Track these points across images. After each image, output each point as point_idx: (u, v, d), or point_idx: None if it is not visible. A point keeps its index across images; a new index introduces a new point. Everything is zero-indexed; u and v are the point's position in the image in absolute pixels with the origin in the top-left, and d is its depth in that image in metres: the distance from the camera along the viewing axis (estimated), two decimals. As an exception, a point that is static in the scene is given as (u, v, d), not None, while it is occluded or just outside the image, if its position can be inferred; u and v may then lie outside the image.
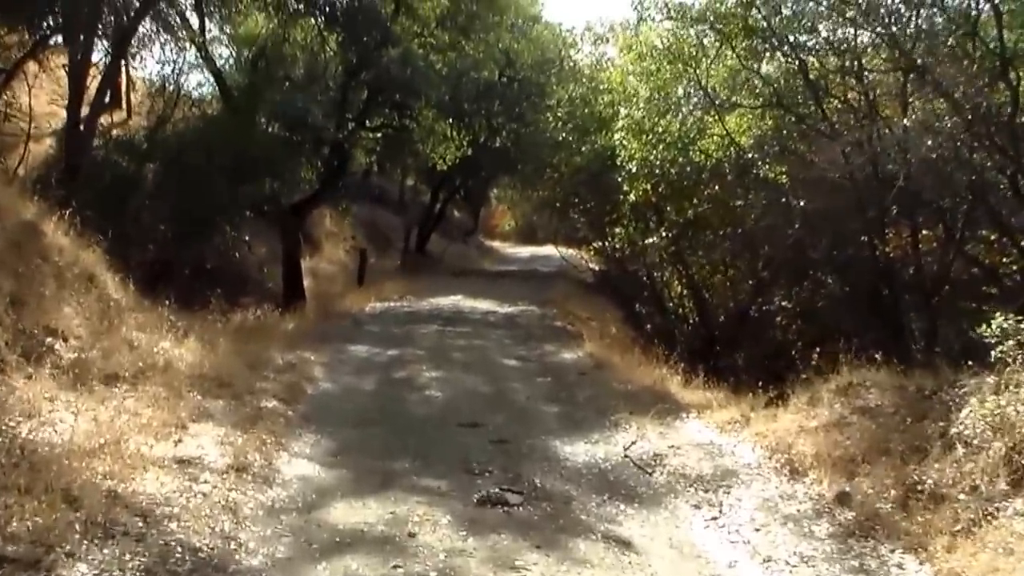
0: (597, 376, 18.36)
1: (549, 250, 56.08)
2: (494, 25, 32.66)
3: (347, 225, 42.23)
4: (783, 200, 21.05)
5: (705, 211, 24.93)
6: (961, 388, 11.22)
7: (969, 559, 8.38)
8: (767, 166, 21.07)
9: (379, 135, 33.31)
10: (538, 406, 15.68)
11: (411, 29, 29.33)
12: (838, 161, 19.30)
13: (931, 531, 9.06)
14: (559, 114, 32.30)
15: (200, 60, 29.73)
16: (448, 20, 30.87)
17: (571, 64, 37.34)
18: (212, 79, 30.18)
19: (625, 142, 23.46)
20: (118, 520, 8.33)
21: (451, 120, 32.08)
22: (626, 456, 12.64)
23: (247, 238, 29.37)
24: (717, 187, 24.19)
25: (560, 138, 33.59)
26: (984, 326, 11.63)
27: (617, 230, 29.82)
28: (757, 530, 9.90)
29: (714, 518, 10.37)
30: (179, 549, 8.14)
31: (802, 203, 20.77)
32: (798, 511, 10.32)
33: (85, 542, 7.79)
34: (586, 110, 31.34)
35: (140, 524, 8.42)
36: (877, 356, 14.22)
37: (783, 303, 27.09)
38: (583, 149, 31.58)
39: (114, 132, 27.70)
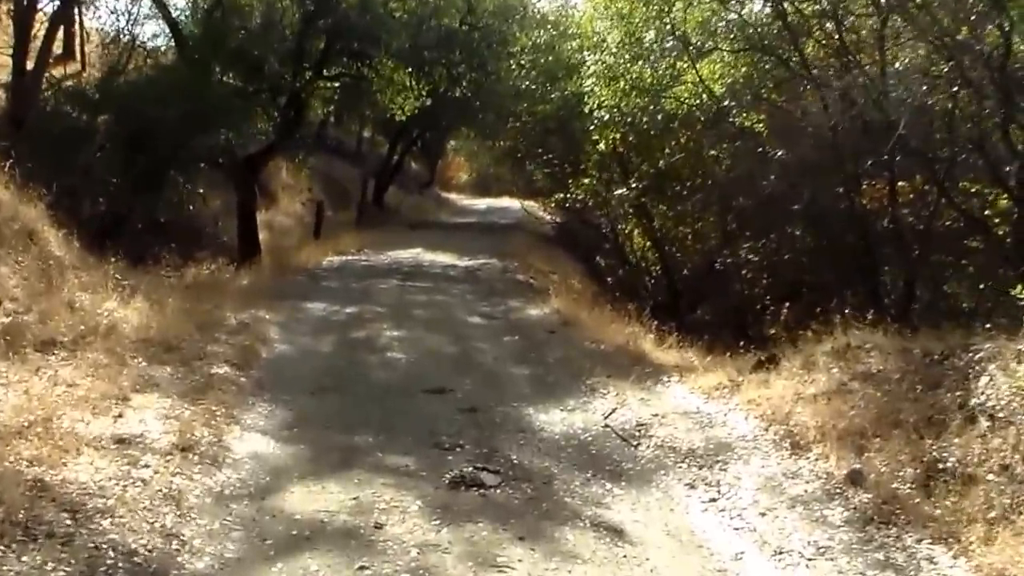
0: (566, 334, 17.18)
1: (506, 202, 55.25)
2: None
3: (304, 177, 40.69)
4: (759, 150, 19.76)
5: (676, 161, 23.56)
6: (975, 353, 10.06)
7: (1012, 553, 7.24)
8: (743, 115, 19.82)
9: (337, 85, 32.05)
10: (507, 368, 14.48)
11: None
12: (814, 109, 18.22)
13: (961, 518, 7.96)
14: (522, 62, 30.80)
15: (155, 10, 28.27)
16: (408, -35, 29.51)
17: (535, 10, 35.94)
18: (168, 29, 28.63)
19: (596, 89, 21.94)
20: (43, 518, 7.08)
21: (410, 69, 30.55)
22: (607, 426, 11.50)
23: (201, 191, 28.04)
24: (688, 137, 22.89)
25: (523, 87, 32.16)
26: (1020, 287, 10.54)
27: (584, 181, 28.38)
28: (762, 515, 8.76)
29: (712, 500, 9.24)
30: (112, 553, 6.90)
31: (779, 153, 19.54)
32: (806, 492, 9.18)
33: (0, 548, 6.54)
34: (550, 57, 29.91)
35: (68, 522, 7.16)
36: (846, 312, 13.26)
37: (749, 256, 25.93)
38: (549, 98, 30.12)
39: (66, 83, 26.44)
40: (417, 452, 10.08)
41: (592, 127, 24.34)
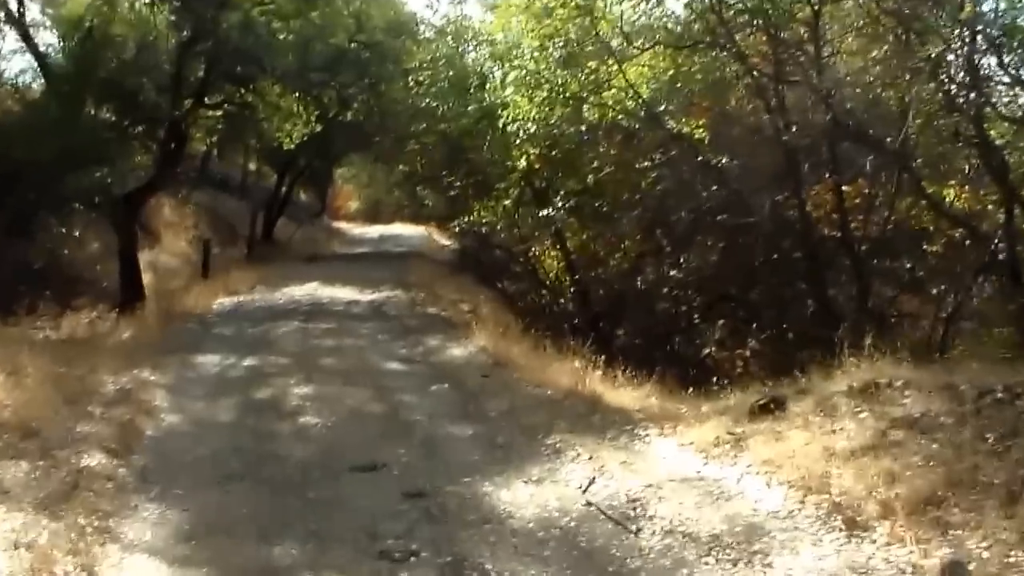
0: (502, 377, 14.47)
1: (398, 228, 53.42)
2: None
3: (188, 213, 37.62)
4: (698, 158, 17.25)
5: (604, 176, 20.82)
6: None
7: None
8: (681, 121, 17.35)
9: (220, 113, 29.06)
10: (446, 428, 11.66)
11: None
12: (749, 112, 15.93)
13: None
14: (419, 79, 28.01)
15: (21, 43, 25.29)
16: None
17: (429, 24, 33.05)
18: (35, 63, 25.62)
19: (516, 99, 19.08)
20: None
21: (298, 94, 27.77)
22: (589, 504, 8.76)
23: (77, 233, 25.47)
24: (618, 147, 20.26)
25: (422, 105, 29.37)
26: None
27: (493, 203, 25.69)
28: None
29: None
30: None
31: (721, 160, 17.11)
32: (901, 603, 6.55)
33: None
34: (450, 72, 27.14)
35: None
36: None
37: (672, 273, 23.60)
38: (455, 114, 27.28)
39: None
40: (359, 568, 7.35)
41: (509, 143, 21.67)
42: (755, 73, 16.59)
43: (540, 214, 21.50)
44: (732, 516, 8.19)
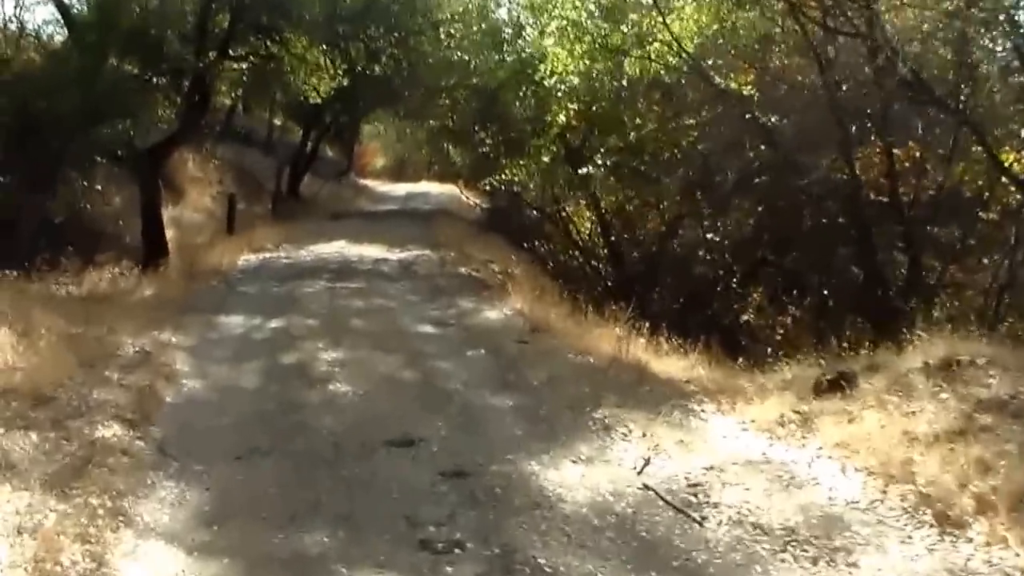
0: (541, 343, 13.67)
1: (424, 186, 52.69)
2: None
3: (212, 169, 36.73)
4: (746, 116, 16.25)
5: (647, 134, 19.78)
6: None
7: None
8: (728, 77, 16.39)
9: (245, 66, 28.06)
10: (485, 399, 10.85)
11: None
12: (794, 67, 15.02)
13: None
14: (451, 31, 27.01)
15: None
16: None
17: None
18: (58, 14, 24.76)
19: (557, 50, 17.98)
20: None
21: (325, 46, 26.78)
22: (646, 487, 7.97)
23: (99, 187, 24.73)
24: (660, 105, 19.22)
25: (453, 58, 28.35)
26: None
27: (525, 161, 24.75)
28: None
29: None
30: None
31: (771, 119, 16.17)
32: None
33: None
34: (483, 24, 26.12)
35: None
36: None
37: (709, 236, 22.73)
38: (490, 67, 26.21)
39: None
40: (398, 561, 6.57)
41: (545, 98, 20.68)
42: (805, 25, 15.56)
43: (578, 172, 20.37)
44: (806, 506, 7.39)
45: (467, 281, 20.12)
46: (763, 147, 16.73)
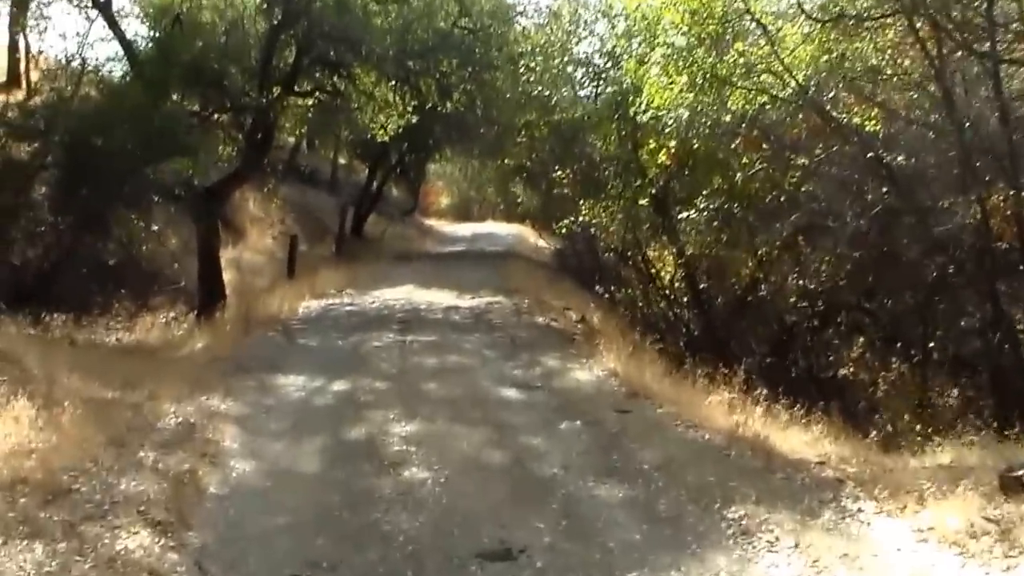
0: (644, 413, 11.74)
1: (490, 227, 51.17)
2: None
3: (275, 208, 35.19)
4: (868, 155, 14.08)
5: (755, 174, 17.51)
6: None
7: None
8: (852, 110, 14.32)
9: (310, 102, 26.51)
10: (591, 489, 8.88)
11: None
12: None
13: None
14: (531, 64, 25.08)
15: (109, 31, 22.97)
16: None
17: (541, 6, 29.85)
18: (121, 50, 23.33)
19: (656, 82, 15.80)
20: None
21: (394, 82, 25.08)
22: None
23: (156, 228, 23.26)
24: (766, 144, 16.98)
25: (533, 93, 26.40)
26: None
27: (607, 202, 22.82)
28: None
29: None
30: None
31: (896, 158, 14.10)
32: None
33: None
34: (566, 56, 24.15)
35: None
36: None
37: (800, 281, 20.68)
38: (572, 102, 24.23)
39: (8, 113, 21.41)
40: None
41: (636, 134, 18.68)
42: (931, 54, 13.53)
43: (671, 215, 18.14)
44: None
45: (547, 333, 18.26)
46: (883, 190, 14.53)
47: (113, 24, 22.65)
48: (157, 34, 23.65)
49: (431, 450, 9.85)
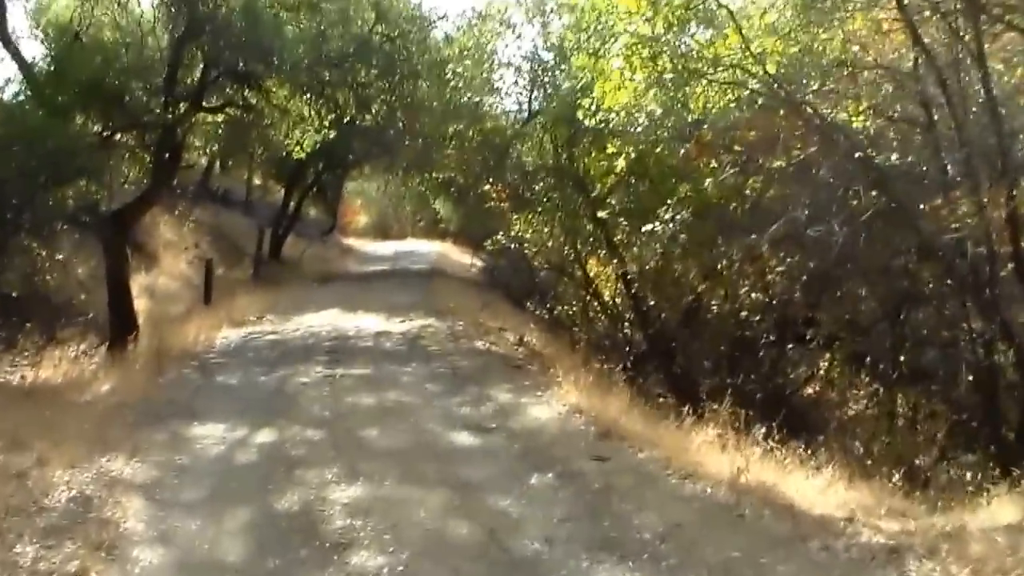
0: (625, 461, 9.87)
1: (411, 244, 49.69)
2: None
3: (188, 232, 32.83)
4: (856, 155, 12.11)
5: (725, 180, 15.28)
6: None
7: None
8: (839, 103, 12.41)
9: (220, 118, 24.36)
10: (587, 572, 6.95)
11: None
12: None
13: None
14: (458, 70, 22.93)
15: (3, 50, 20.67)
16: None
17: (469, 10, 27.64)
18: (19, 72, 21.01)
19: (611, 80, 13.53)
20: None
21: (309, 94, 22.94)
22: None
23: (60, 256, 21.14)
24: (739, 144, 14.83)
25: (460, 101, 24.27)
26: None
27: (540, 215, 20.87)
28: None
29: None
30: None
31: (891, 157, 12.26)
32: None
33: None
34: (493, 61, 22.12)
35: None
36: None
37: (751, 293, 18.96)
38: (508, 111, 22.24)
39: None
40: None
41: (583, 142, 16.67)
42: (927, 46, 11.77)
43: (645, 229, 15.96)
44: None
45: (490, 359, 16.35)
46: (874, 193, 12.60)
47: (8, 43, 20.43)
48: (54, 49, 21.56)
49: (382, 523, 7.81)
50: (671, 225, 14.21)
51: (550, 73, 20.90)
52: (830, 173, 13.06)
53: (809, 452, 10.77)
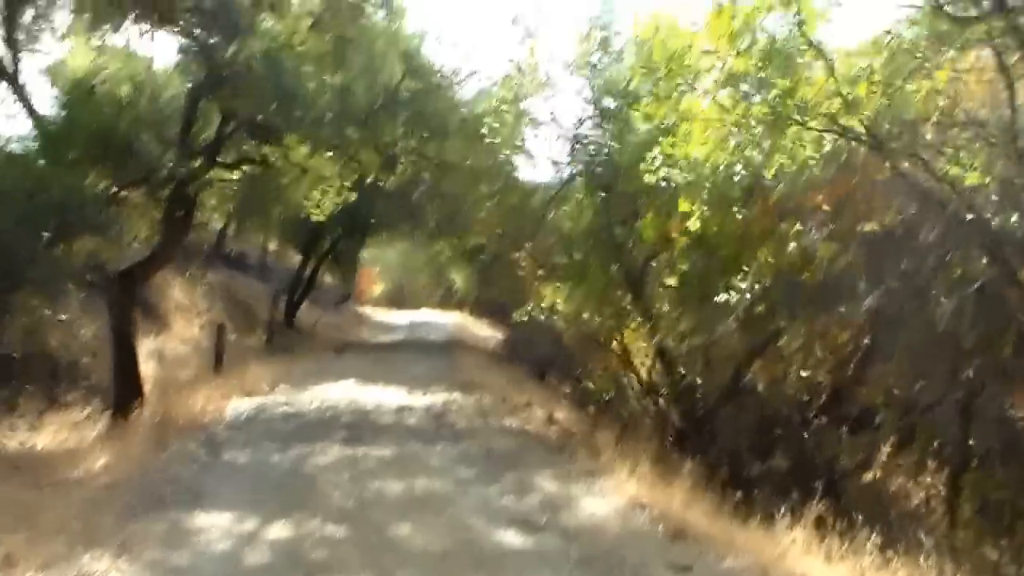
0: (709, 571, 8.09)
1: (426, 314, 48.88)
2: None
3: (200, 295, 31.19)
4: (968, 216, 10.31)
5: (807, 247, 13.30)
6: None
7: None
8: (950, 159, 10.63)
9: (236, 175, 22.69)
10: None
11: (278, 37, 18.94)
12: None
13: None
14: (494, 124, 21.15)
15: (18, 101, 19.31)
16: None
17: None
18: (32, 126, 19.54)
19: (701, 120, 11.62)
20: None
21: (330, 152, 21.31)
22: None
23: (64, 317, 20.04)
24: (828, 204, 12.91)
25: (492, 161, 22.54)
26: None
27: (576, 284, 19.24)
28: None
29: None
30: None
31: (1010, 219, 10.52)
32: None
33: None
34: (529, 120, 20.37)
35: None
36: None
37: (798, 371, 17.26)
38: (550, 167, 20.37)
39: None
40: None
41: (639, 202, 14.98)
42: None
43: (720, 299, 13.93)
44: None
45: (524, 440, 14.68)
46: (986, 262, 10.79)
47: (20, 94, 19.06)
48: (67, 101, 20.13)
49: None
50: (747, 296, 12.36)
51: (596, 128, 19.21)
52: (931, 238, 11.29)
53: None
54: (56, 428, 15.46)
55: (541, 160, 20.91)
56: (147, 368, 20.61)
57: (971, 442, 15.06)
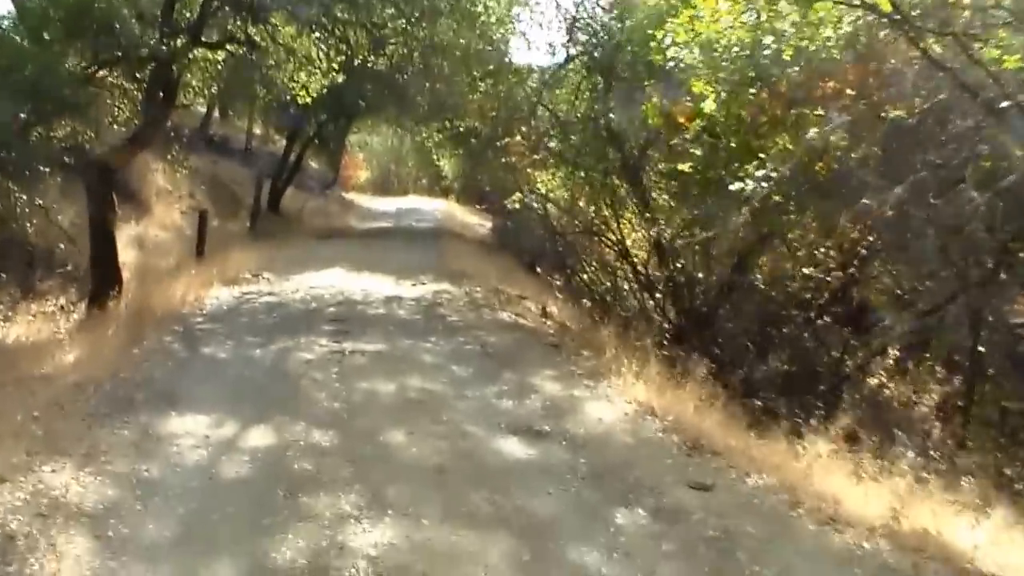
0: (731, 489, 7.35)
1: (413, 201, 47.41)
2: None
3: (183, 180, 30.08)
4: (1005, 103, 9.37)
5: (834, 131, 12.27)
6: None
7: None
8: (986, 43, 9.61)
9: (220, 56, 21.48)
10: None
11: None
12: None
13: None
14: (488, 4, 19.96)
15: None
16: None
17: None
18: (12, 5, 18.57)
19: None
20: None
21: (318, 33, 20.18)
22: None
23: (40, 202, 18.44)
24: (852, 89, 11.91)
25: (486, 43, 21.39)
26: None
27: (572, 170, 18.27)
28: None
29: None
30: None
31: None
32: None
33: None
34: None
35: None
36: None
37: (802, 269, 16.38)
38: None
39: None
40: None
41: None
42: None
43: (736, 187, 12.88)
44: None
45: (520, 335, 13.87)
46: (1020, 154, 9.86)
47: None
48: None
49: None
50: (763, 185, 11.38)
51: (599, 7, 18.17)
52: (962, 126, 10.32)
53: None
54: (30, 318, 14.82)
55: (537, 42, 19.77)
56: (127, 255, 19.94)
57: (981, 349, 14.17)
